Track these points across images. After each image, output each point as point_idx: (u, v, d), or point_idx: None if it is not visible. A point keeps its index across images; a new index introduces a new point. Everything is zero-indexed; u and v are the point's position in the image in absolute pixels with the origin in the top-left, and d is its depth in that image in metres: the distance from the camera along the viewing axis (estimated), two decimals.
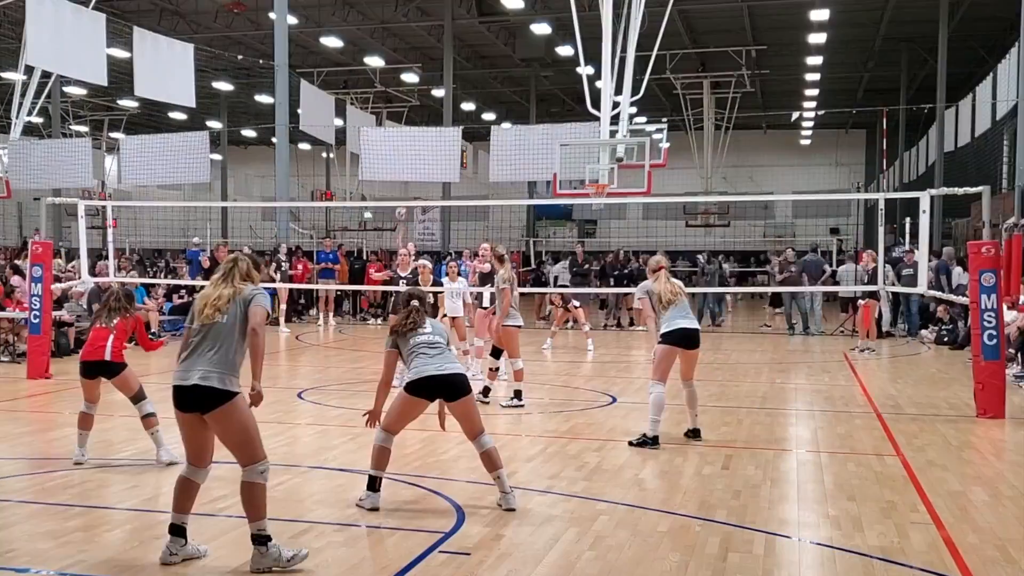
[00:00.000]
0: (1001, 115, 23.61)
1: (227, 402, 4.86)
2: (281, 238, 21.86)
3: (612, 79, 13.14)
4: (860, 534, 5.49)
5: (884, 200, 12.21)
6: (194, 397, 4.90)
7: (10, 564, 4.87)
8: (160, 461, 7.05)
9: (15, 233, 42.11)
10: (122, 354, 7.21)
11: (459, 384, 5.96)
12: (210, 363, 4.88)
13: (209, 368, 4.87)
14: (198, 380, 4.88)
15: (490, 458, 5.97)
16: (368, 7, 29.31)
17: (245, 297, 5.02)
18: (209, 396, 4.86)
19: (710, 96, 33.70)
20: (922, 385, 11.88)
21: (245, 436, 4.95)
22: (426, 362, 5.96)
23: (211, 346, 4.92)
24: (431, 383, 5.94)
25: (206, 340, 4.95)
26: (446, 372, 5.93)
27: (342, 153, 32.82)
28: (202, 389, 4.86)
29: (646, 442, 7.84)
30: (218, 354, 4.90)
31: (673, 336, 7.90)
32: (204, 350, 4.93)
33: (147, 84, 18.41)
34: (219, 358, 4.90)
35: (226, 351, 4.92)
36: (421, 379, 5.93)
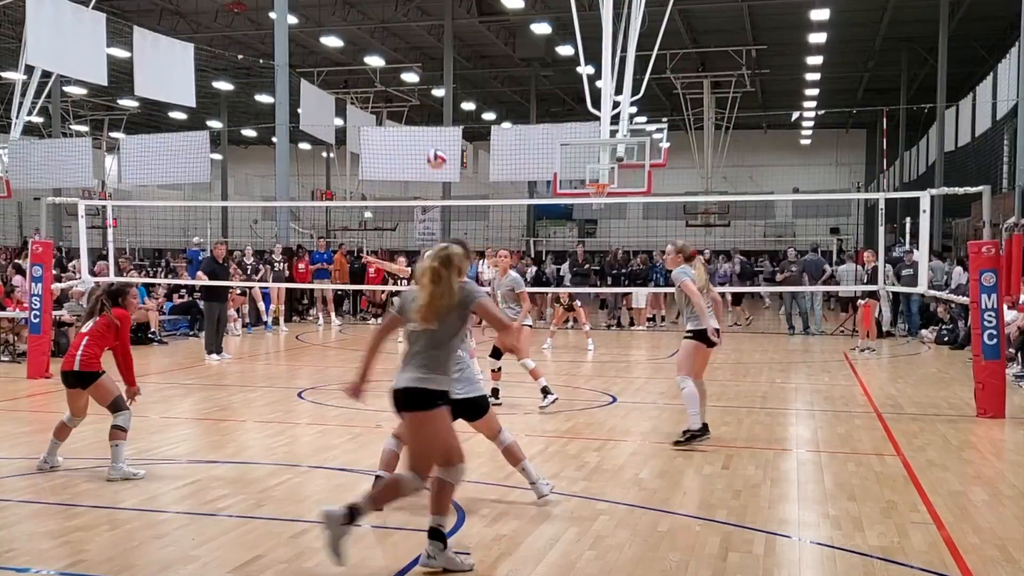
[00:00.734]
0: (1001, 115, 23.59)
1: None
2: (281, 238, 21.87)
3: (612, 79, 13.15)
4: (860, 534, 5.49)
5: (884, 200, 12.21)
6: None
7: (10, 564, 4.87)
8: (110, 477, 6.58)
9: (15, 233, 42.12)
10: (95, 362, 6.73)
11: (479, 405, 5.98)
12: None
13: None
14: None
15: (512, 453, 6.06)
16: (368, 7, 29.30)
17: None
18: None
19: (710, 96, 33.70)
20: (922, 385, 11.88)
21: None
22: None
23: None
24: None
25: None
26: (465, 397, 5.91)
27: (342, 153, 32.84)
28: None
29: (694, 436, 7.73)
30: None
31: (705, 334, 7.78)
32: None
33: (147, 84, 18.42)
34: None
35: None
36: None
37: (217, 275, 14.49)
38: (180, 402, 10.55)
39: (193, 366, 13.60)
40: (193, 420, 9.38)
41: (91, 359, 6.72)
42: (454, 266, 4.83)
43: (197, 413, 9.76)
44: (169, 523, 5.65)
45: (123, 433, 6.67)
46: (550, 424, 9.18)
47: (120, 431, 6.66)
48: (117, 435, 6.65)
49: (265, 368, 14.51)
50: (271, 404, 10.38)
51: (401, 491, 4.84)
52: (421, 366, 4.78)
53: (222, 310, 14.76)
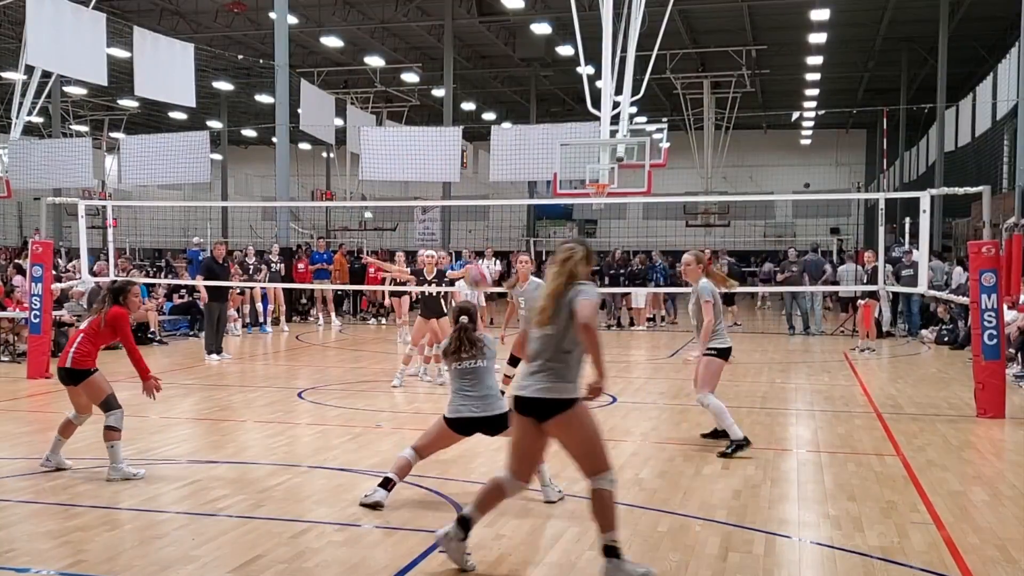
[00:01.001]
0: (1001, 115, 23.59)
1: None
2: (281, 238, 21.88)
3: (612, 79, 13.15)
4: (860, 534, 5.49)
5: (884, 200, 12.21)
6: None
7: (10, 564, 4.87)
8: (109, 477, 6.57)
9: (15, 233, 42.13)
10: (88, 359, 6.70)
11: (498, 423, 5.94)
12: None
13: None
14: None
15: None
16: (368, 7, 29.30)
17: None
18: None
19: (710, 96, 33.70)
20: (922, 385, 11.88)
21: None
22: (464, 401, 5.96)
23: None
24: (469, 424, 5.98)
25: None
26: (484, 415, 5.93)
27: (342, 153, 32.85)
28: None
29: (741, 445, 7.55)
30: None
31: (729, 352, 7.94)
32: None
33: (147, 84, 18.41)
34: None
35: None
36: (459, 419, 5.96)
37: (217, 275, 14.45)
38: (180, 402, 10.55)
39: (193, 366, 13.60)
40: (193, 420, 9.38)
41: (84, 356, 6.70)
42: (568, 266, 4.73)
43: (197, 413, 9.76)
44: (169, 523, 5.65)
45: (117, 433, 6.64)
46: None
47: (114, 431, 6.63)
48: (111, 435, 6.62)
49: (265, 368, 14.51)
50: (271, 404, 10.38)
51: (611, 496, 4.70)
52: (546, 374, 4.68)
53: (222, 310, 14.74)
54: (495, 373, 6.24)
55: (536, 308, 4.73)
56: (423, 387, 11.46)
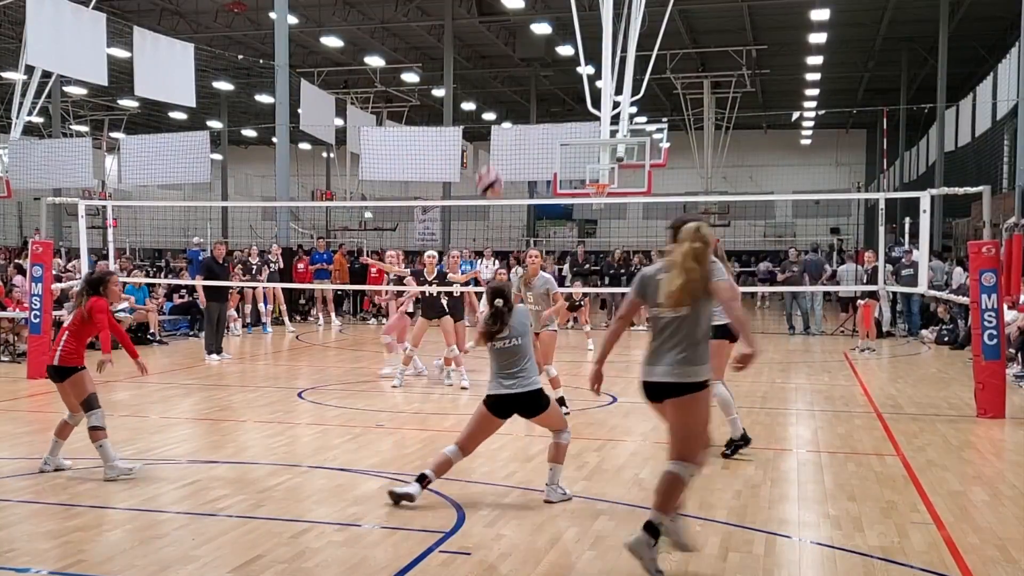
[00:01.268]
0: (1001, 115, 23.59)
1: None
2: (281, 238, 21.88)
3: (612, 79, 13.14)
4: (860, 534, 5.49)
5: (884, 200, 12.21)
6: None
7: (10, 564, 4.87)
8: (107, 477, 6.55)
9: (15, 233, 42.12)
10: (74, 357, 6.69)
11: (533, 401, 6.01)
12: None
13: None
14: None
15: (556, 450, 6.12)
16: (368, 7, 29.30)
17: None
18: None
19: (710, 96, 33.69)
20: (922, 385, 11.87)
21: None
22: (499, 380, 6.04)
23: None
24: (504, 402, 6.01)
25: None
26: (517, 392, 5.97)
27: (342, 153, 32.84)
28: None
29: (739, 445, 7.42)
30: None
31: (727, 329, 7.36)
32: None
33: (147, 84, 18.40)
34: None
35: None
36: (494, 397, 6.00)
37: (217, 275, 14.44)
38: (180, 402, 10.55)
39: (193, 366, 13.60)
40: (193, 420, 9.38)
41: (70, 354, 6.71)
42: (709, 246, 4.67)
43: (197, 413, 9.76)
44: (169, 523, 5.65)
45: (102, 432, 6.61)
46: None
47: (98, 430, 6.60)
48: (97, 435, 6.60)
49: (265, 368, 14.50)
50: (271, 404, 10.38)
51: (681, 484, 4.70)
52: (679, 357, 4.63)
53: (222, 310, 14.72)
54: (533, 350, 6.19)
55: (668, 290, 4.62)
56: (423, 387, 11.45)
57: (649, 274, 4.84)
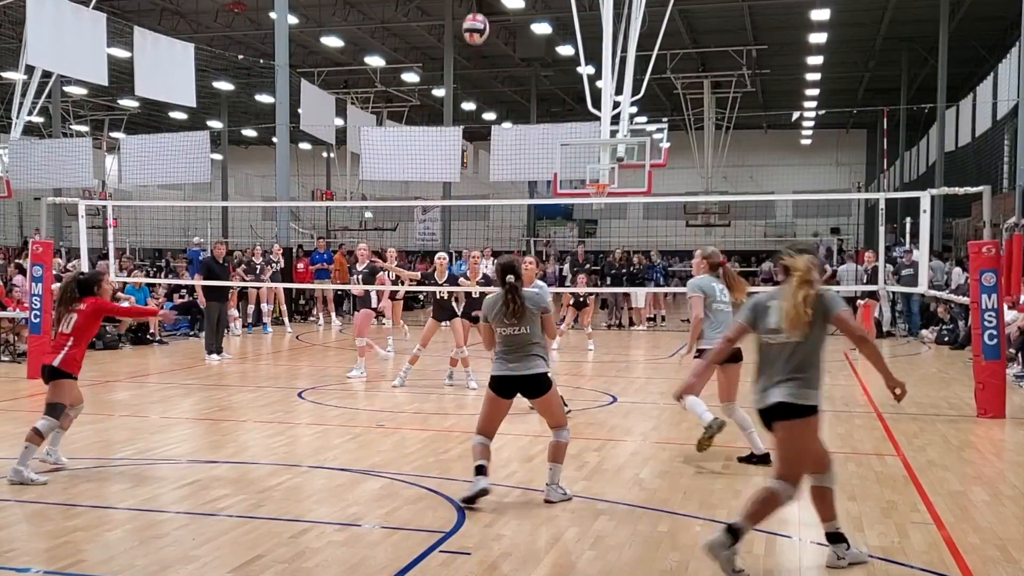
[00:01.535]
0: (1002, 115, 23.57)
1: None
2: (281, 238, 21.88)
3: (613, 79, 13.15)
4: (860, 534, 5.48)
5: (885, 200, 12.21)
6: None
7: (10, 564, 4.87)
8: (10, 479, 6.45)
9: (15, 233, 42.12)
10: (75, 364, 6.75)
11: (535, 384, 6.06)
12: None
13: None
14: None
15: (555, 449, 6.14)
16: (368, 7, 29.30)
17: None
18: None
19: (710, 96, 33.68)
20: (923, 385, 11.87)
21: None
22: (502, 361, 6.09)
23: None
24: (507, 383, 6.06)
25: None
26: (519, 374, 6.03)
27: (342, 153, 32.83)
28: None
29: (711, 428, 7.19)
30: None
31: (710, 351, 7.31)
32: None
33: (147, 84, 18.41)
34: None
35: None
36: (497, 378, 6.07)
37: (217, 275, 14.44)
38: (180, 402, 10.55)
39: (193, 366, 13.59)
40: (193, 420, 9.38)
41: (73, 361, 6.75)
42: (813, 274, 4.76)
43: (197, 413, 9.76)
44: (169, 523, 5.65)
45: (40, 439, 6.58)
46: None
47: (39, 435, 6.57)
48: (35, 438, 6.55)
49: (265, 368, 14.50)
50: (271, 404, 10.37)
51: (777, 502, 4.77)
52: (792, 381, 4.71)
53: (222, 310, 14.72)
54: (540, 334, 6.18)
55: (789, 317, 4.69)
56: (424, 387, 11.45)
57: (761, 301, 4.96)
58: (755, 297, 5.08)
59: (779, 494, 4.73)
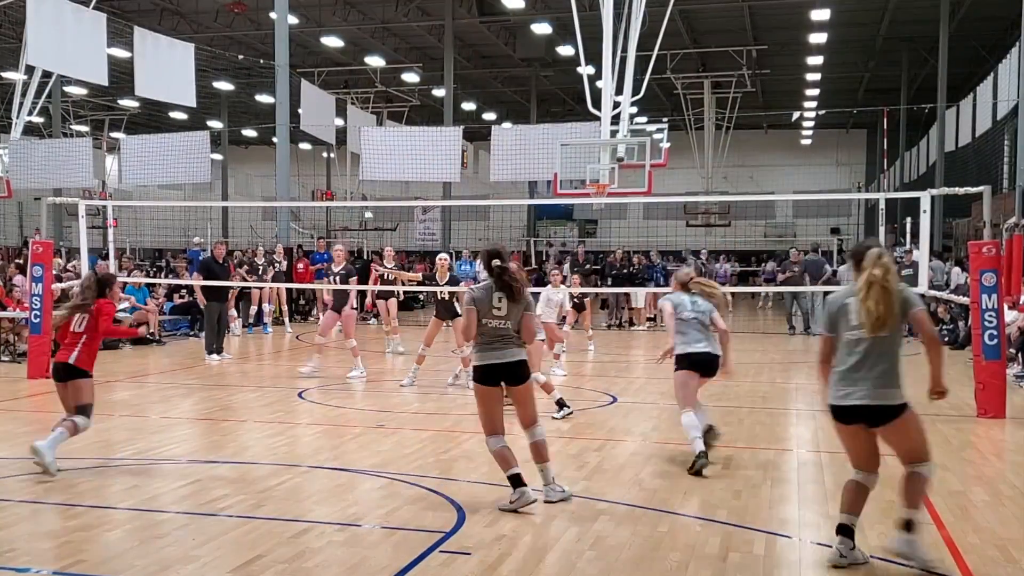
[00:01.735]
0: (1002, 115, 23.56)
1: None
2: (281, 238, 21.89)
3: (613, 79, 13.15)
4: (861, 534, 5.47)
5: (885, 200, 12.24)
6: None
7: (10, 564, 4.87)
8: (35, 459, 6.67)
9: (15, 233, 42.13)
10: (89, 362, 6.94)
11: (516, 371, 6.07)
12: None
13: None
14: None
15: (537, 450, 6.11)
16: (368, 7, 29.31)
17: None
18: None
19: (711, 96, 33.69)
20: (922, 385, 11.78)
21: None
22: (483, 351, 6.07)
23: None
24: (490, 372, 6.04)
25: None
26: (499, 362, 6.04)
27: (343, 153, 32.83)
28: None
29: (697, 463, 6.95)
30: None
31: (685, 360, 7.32)
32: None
33: (148, 84, 18.41)
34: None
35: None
36: (482, 367, 6.06)
37: (217, 275, 14.43)
38: (180, 402, 10.55)
39: (193, 366, 13.59)
40: (193, 420, 9.38)
41: (87, 358, 6.93)
42: (892, 270, 4.89)
43: (197, 413, 9.76)
44: (169, 523, 5.65)
45: (73, 428, 6.77)
46: (551, 424, 9.16)
47: (72, 425, 6.76)
48: (71, 427, 6.75)
49: (265, 368, 14.50)
50: (271, 404, 10.37)
51: (926, 481, 4.96)
52: (879, 380, 4.86)
53: (222, 310, 14.71)
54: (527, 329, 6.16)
55: (871, 314, 4.80)
56: (424, 387, 11.45)
57: (836, 302, 5.03)
58: (829, 300, 5.17)
59: (923, 474, 4.93)
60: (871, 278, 4.81)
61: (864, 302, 4.82)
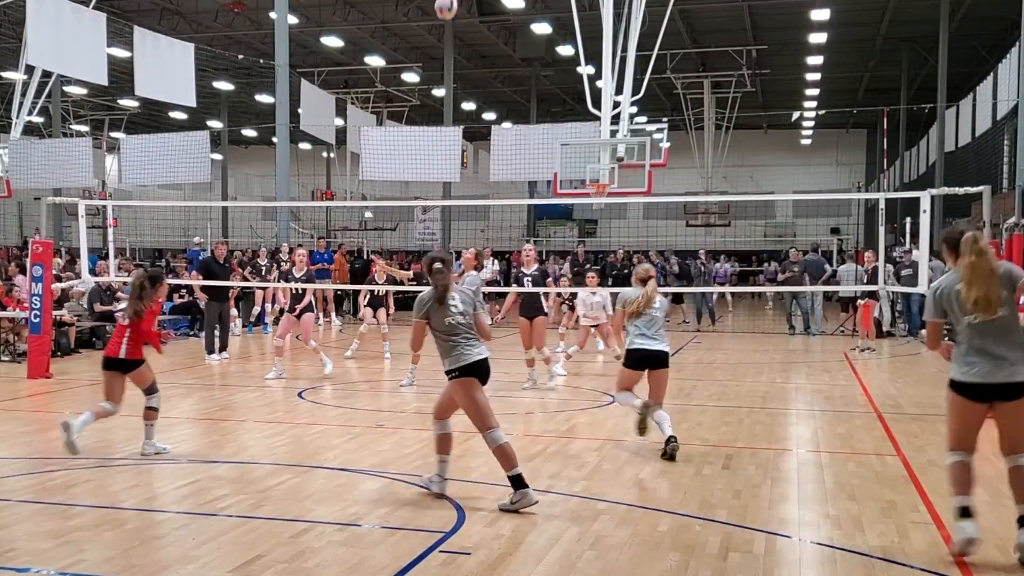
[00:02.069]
0: (1002, 115, 23.56)
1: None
2: (281, 238, 21.89)
3: (613, 79, 13.15)
4: (860, 534, 5.49)
5: (884, 200, 12.20)
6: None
7: (10, 564, 4.87)
8: (143, 453, 7.45)
9: (15, 233, 42.13)
10: (138, 351, 7.48)
11: (489, 367, 6.21)
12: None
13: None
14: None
15: (504, 453, 5.97)
16: (368, 7, 29.31)
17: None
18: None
19: (711, 96, 33.70)
20: (922, 385, 11.87)
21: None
22: (467, 350, 6.11)
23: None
24: (476, 367, 6.10)
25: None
26: (485, 357, 6.16)
27: (342, 153, 32.84)
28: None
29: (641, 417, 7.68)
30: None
31: (628, 357, 7.85)
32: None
33: (147, 84, 18.42)
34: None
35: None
36: (466, 365, 6.08)
37: (217, 275, 14.47)
38: (180, 402, 10.54)
39: (193, 366, 13.59)
40: (193, 420, 9.38)
41: (135, 349, 7.49)
42: (986, 248, 4.94)
43: (197, 413, 9.76)
44: (169, 523, 5.65)
45: (155, 413, 7.56)
46: (551, 424, 9.18)
47: (153, 411, 7.54)
48: (150, 415, 7.53)
49: (265, 368, 14.47)
50: (271, 404, 10.37)
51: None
52: (1009, 359, 4.94)
53: (223, 310, 14.74)
54: (471, 326, 6.21)
55: (982, 297, 4.89)
56: (424, 387, 11.45)
57: (943, 288, 5.13)
58: (933, 287, 5.26)
59: (968, 462, 5.03)
60: (971, 263, 4.89)
61: (969, 288, 4.89)
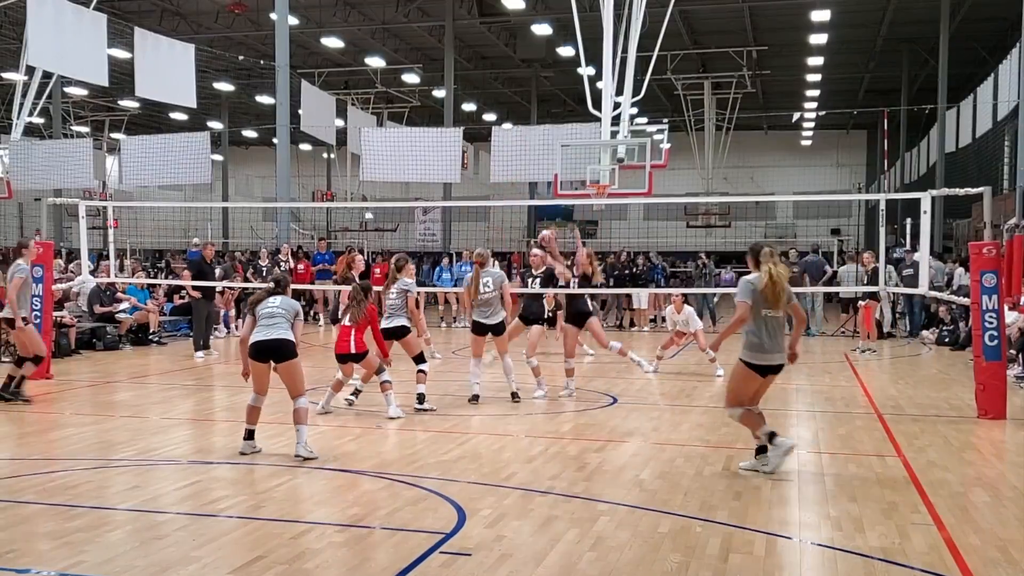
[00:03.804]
0: (1002, 116, 23.56)
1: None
2: (282, 239, 21.89)
3: (613, 80, 13.16)
4: (861, 535, 5.48)
5: (885, 201, 12.20)
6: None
7: (10, 564, 4.86)
8: (388, 416, 9.04)
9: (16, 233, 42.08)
10: (363, 345, 9.15)
11: (283, 349, 7.42)
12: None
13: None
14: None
15: (297, 415, 7.44)
16: (369, 8, 29.32)
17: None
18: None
19: (711, 97, 33.71)
20: (923, 386, 11.86)
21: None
22: (260, 330, 7.46)
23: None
24: (259, 347, 7.37)
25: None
26: (271, 338, 7.42)
27: (343, 153, 32.87)
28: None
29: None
30: None
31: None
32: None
33: (148, 84, 18.44)
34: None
35: None
36: (255, 343, 7.43)
37: (205, 275, 15.14)
38: (181, 403, 10.55)
39: (193, 367, 13.59)
40: (194, 421, 9.38)
41: (360, 344, 9.14)
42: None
43: (198, 414, 9.76)
44: (169, 524, 5.65)
45: (389, 384, 9.20)
46: (551, 425, 9.17)
47: (387, 383, 9.18)
48: (385, 387, 9.13)
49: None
50: (271, 404, 10.30)
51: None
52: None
53: (210, 308, 15.42)
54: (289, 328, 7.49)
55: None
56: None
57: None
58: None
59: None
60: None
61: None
